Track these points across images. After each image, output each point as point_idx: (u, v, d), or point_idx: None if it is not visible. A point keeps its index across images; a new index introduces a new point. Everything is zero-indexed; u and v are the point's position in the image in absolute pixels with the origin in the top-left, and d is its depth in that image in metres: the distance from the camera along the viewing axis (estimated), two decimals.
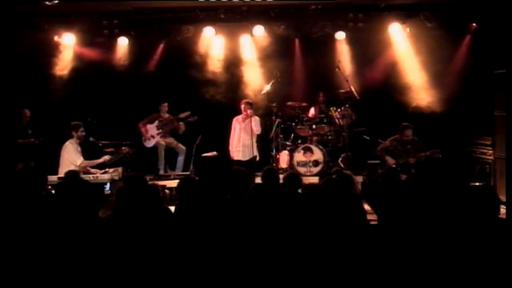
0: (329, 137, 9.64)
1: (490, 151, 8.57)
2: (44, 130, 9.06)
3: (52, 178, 6.98)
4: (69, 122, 8.50)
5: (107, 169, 8.31)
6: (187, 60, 9.65)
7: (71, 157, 8.14)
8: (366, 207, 5.46)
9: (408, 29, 9.36)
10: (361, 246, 3.74)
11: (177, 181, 4.85)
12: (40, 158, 8.71)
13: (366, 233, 4.12)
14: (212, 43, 9.74)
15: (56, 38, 9.37)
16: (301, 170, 8.98)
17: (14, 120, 8.69)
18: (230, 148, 9.60)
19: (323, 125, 9.56)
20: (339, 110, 9.55)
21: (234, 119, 9.57)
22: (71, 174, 6.54)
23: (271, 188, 5.20)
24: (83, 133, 8.36)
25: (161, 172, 9.61)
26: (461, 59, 9.30)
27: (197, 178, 6.07)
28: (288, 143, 9.61)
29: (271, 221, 4.00)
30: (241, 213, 4.03)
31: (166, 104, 9.81)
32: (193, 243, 3.72)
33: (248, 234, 3.76)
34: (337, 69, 9.45)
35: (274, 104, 9.55)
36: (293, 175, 5.81)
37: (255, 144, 9.36)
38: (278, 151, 9.55)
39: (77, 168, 7.93)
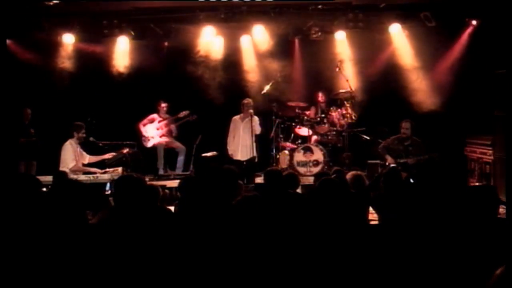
0: (329, 137, 9.65)
1: (490, 151, 8.57)
2: (45, 129, 9.08)
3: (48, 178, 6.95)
4: (70, 122, 8.54)
5: (107, 169, 8.32)
6: (187, 60, 9.64)
7: (65, 158, 8.20)
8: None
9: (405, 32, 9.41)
10: (362, 246, 3.74)
11: (177, 181, 4.85)
12: (42, 157, 8.75)
13: (366, 233, 4.12)
14: (212, 43, 9.73)
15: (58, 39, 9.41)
16: (301, 170, 8.99)
17: (16, 119, 8.70)
18: (228, 147, 9.59)
19: (323, 125, 9.56)
20: (339, 110, 9.56)
21: (233, 118, 9.56)
22: (58, 174, 6.54)
23: (273, 188, 5.20)
24: (84, 135, 8.43)
25: (161, 172, 9.62)
26: (461, 59, 9.31)
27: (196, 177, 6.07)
28: (288, 143, 9.62)
29: (273, 221, 4.00)
30: (242, 213, 4.03)
31: (165, 104, 9.81)
32: (193, 243, 3.72)
33: (249, 234, 3.76)
34: (337, 69, 9.46)
35: (274, 104, 9.55)
36: (292, 175, 5.81)
37: (254, 144, 9.36)
38: (278, 151, 9.55)
39: (69, 170, 7.98)
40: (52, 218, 3.80)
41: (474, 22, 9.26)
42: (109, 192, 7.49)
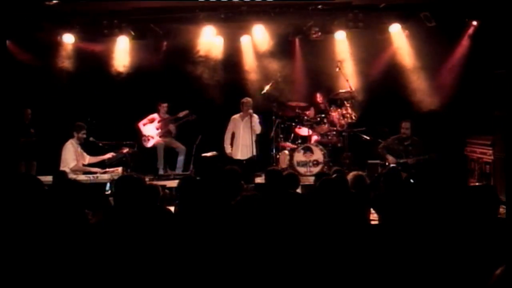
0: (329, 137, 9.64)
1: (490, 151, 8.57)
2: (45, 129, 9.09)
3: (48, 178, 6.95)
4: (71, 122, 8.56)
5: (107, 169, 8.33)
6: (187, 60, 9.64)
7: (66, 158, 8.23)
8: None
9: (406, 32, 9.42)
10: (362, 246, 3.74)
11: (177, 181, 4.85)
12: (42, 157, 8.76)
13: (366, 233, 4.12)
14: (212, 43, 9.73)
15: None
16: (301, 170, 8.98)
17: (17, 119, 8.71)
18: (225, 145, 9.58)
19: (323, 125, 9.56)
20: (339, 110, 9.55)
21: (232, 117, 9.55)
22: (58, 174, 6.54)
23: (273, 188, 5.20)
24: (84, 135, 8.46)
25: (161, 172, 9.60)
26: (461, 58, 9.31)
27: (197, 178, 6.07)
28: (288, 143, 9.62)
29: (273, 221, 3.99)
30: (241, 212, 4.02)
31: (165, 104, 9.80)
32: (193, 243, 3.72)
33: (249, 234, 3.76)
34: (337, 69, 9.46)
35: (274, 104, 9.55)
36: (292, 175, 5.81)
37: (254, 144, 9.36)
38: (278, 151, 9.55)
39: (70, 169, 8.01)
40: (52, 218, 3.80)
41: (474, 23, 9.26)
42: (109, 192, 7.49)
